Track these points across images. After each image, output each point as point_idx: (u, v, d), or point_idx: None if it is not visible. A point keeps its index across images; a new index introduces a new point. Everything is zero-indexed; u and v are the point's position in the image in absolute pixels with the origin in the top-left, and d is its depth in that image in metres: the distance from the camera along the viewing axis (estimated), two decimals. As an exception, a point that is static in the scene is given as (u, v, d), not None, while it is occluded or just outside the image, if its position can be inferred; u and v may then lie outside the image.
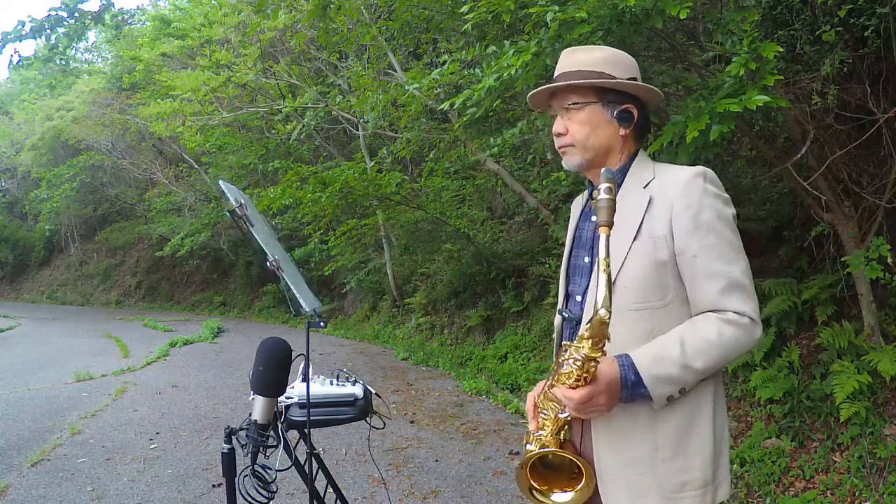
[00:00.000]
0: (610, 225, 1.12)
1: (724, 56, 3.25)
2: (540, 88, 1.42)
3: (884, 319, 3.49)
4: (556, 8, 2.71)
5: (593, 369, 1.19)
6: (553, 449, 1.32)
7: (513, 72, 2.98)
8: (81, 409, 5.68)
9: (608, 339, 1.16)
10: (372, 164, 9.65)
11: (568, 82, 1.36)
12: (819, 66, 3.12)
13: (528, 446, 1.39)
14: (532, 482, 1.34)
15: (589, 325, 1.15)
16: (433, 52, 7.83)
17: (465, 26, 3.56)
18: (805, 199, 3.56)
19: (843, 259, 3.41)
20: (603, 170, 1.15)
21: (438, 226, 8.68)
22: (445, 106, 4.05)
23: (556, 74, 1.41)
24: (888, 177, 3.29)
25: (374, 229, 9.35)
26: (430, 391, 6.33)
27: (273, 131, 12.03)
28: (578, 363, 1.19)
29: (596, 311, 1.13)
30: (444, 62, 4.38)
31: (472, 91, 3.38)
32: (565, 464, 1.33)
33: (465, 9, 3.44)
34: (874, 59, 3.21)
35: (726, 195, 1.32)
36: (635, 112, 1.37)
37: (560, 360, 1.24)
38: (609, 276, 1.11)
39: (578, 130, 1.37)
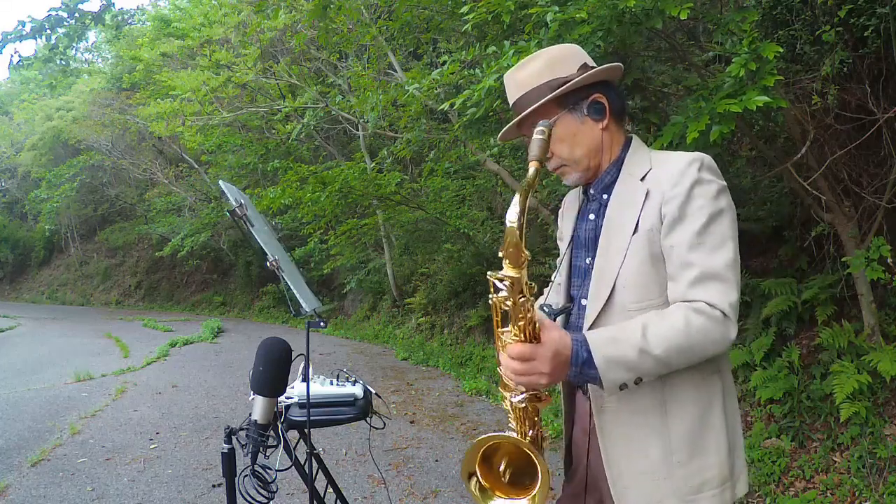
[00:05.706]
0: (541, 161, 1.07)
1: (724, 56, 3.25)
2: (504, 130, 1.40)
3: (884, 319, 3.49)
4: (556, 8, 2.71)
5: (529, 305, 1.07)
6: (516, 437, 1.20)
7: (513, 72, 2.97)
8: (81, 409, 5.68)
9: (525, 253, 1.04)
10: (372, 164, 9.65)
11: (521, 115, 1.32)
12: (819, 66, 3.13)
13: None
14: (478, 470, 1.22)
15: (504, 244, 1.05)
16: (433, 52, 7.82)
17: (465, 26, 3.56)
18: (805, 199, 3.56)
19: (843, 259, 3.41)
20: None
21: (438, 226, 8.68)
22: (445, 106, 4.05)
23: (510, 103, 1.37)
24: (888, 177, 3.29)
25: (374, 229, 9.35)
26: (430, 391, 6.32)
27: (273, 131, 12.03)
28: (505, 294, 1.06)
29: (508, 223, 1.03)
30: (444, 62, 4.37)
31: (472, 91, 3.38)
32: (522, 467, 1.21)
33: (465, 9, 3.43)
34: (874, 59, 3.21)
35: (722, 182, 1.24)
36: (605, 99, 1.31)
37: (496, 318, 1.13)
38: (527, 194, 1.03)
39: (560, 149, 1.32)
